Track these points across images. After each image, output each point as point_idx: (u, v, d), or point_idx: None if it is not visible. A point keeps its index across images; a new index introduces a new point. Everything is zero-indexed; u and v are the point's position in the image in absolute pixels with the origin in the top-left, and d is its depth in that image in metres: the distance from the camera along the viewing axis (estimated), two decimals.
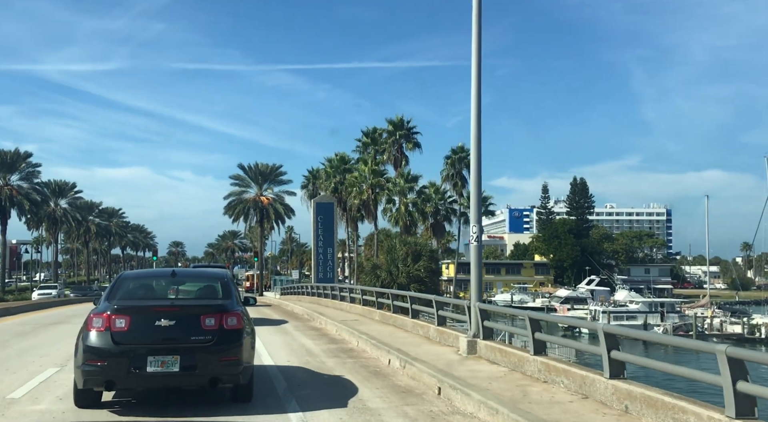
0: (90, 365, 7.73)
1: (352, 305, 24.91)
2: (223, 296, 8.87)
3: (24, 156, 67.33)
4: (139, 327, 7.90)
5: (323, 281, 49.86)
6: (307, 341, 15.49)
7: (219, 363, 7.98)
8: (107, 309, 8.05)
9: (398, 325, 17.83)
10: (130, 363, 7.71)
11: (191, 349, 7.87)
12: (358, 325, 18.06)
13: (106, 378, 7.76)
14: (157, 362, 7.74)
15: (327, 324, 19.03)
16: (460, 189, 59.59)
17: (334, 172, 60.17)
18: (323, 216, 53.30)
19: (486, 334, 12.24)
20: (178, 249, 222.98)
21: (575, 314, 68.98)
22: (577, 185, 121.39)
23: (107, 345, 7.77)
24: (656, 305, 66.94)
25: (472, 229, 12.74)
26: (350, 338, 15.45)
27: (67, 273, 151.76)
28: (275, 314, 26.54)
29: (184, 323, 7.99)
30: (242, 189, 72.41)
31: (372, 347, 13.36)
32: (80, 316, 21.86)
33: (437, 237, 62.17)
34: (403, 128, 56.41)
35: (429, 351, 12.88)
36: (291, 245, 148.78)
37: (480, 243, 12.72)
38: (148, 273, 11.63)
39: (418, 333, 15.95)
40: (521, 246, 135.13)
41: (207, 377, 7.94)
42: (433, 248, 54.02)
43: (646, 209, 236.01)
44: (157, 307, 8.28)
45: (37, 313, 26.50)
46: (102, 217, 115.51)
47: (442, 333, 14.40)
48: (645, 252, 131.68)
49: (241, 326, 8.25)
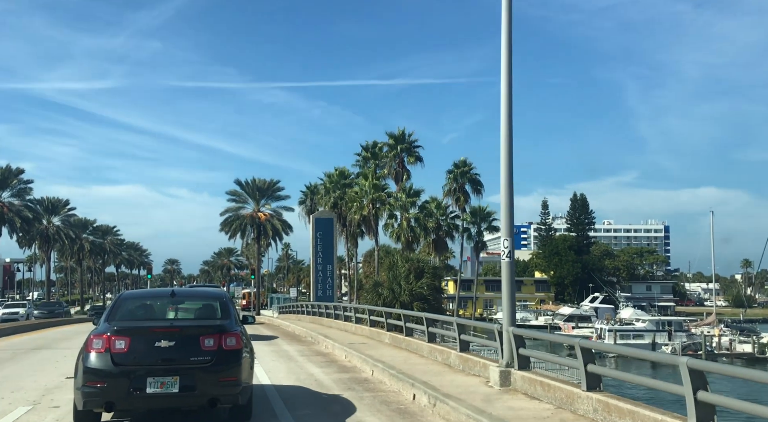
0: (90, 386, 7.71)
1: (357, 326, 23.34)
2: (222, 316, 8.85)
3: (16, 172, 65.79)
4: (139, 348, 7.90)
5: (323, 299, 48.24)
6: (314, 369, 13.90)
7: (218, 384, 7.96)
8: (107, 330, 8.04)
9: (412, 349, 16.29)
10: (130, 384, 7.72)
11: (190, 370, 7.87)
12: (368, 349, 16.52)
13: (106, 400, 7.75)
14: (156, 383, 7.74)
15: (334, 348, 17.45)
16: (463, 204, 58.19)
17: (333, 187, 58.77)
18: (322, 232, 51.82)
19: (522, 364, 10.72)
20: (173, 267, 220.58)
21: (580, 333, 67.41)
22: (578, 201, 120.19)
23: (107, 367, 7.75)
24: (663, 324, 65.38)
25: (503, 243, 11.26)
26: (363, 365, 13.88)
27: (61, 292, 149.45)
28: (275, 335, 24.89)
29: (183, 344, 7.98)
30: (239, 205, 70.90)
31: (390, 377, 11.81)
32: (68, 339, 20.40)
33: (438, 253, 60.65)
34: (405, 141, 55.09)
35: (455, 382, 11.34)
36: (288, 262, 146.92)
37: (512, 259, 11.24)
38: (147, 293, 11.42)
39: (437, 360, 14.42)
40: (521, 263, 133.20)
41: (206, 397, 7.92)
42: (436, 265, 52.53)
43: (644, 226, 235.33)
44: (157, 328, 8.27)
45: (21, 336, 24.86)
46: (96, 235, 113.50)
47: (465, 361, 12.87)
48: (646, 269, 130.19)
49: (239, 346, 8.26)
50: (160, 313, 9.21)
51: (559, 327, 73.32)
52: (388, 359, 14.53)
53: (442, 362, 14.05)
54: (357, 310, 24.10)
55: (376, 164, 55.69)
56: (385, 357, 14.83)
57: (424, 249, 58.90)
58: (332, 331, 24.06)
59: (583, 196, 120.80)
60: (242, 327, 9.04)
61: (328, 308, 30.46)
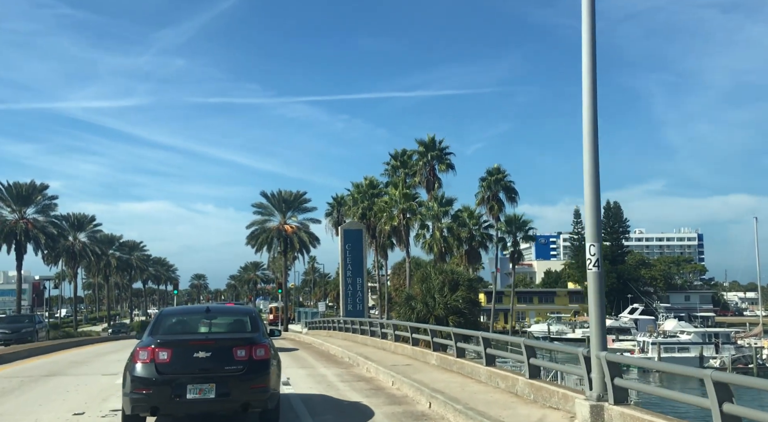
0: (137, 393, 8.65)
1: (396, 344, 21.36)
2: (252, 329, 9.85)
3: (40, 188, 64.92)
4: (180, 359, 8.82)
5: (353, 313, 46.35)
6: (360, 399, 11.90)
7: (249, 390, 8.87)
8: (151, 343, 8.95)
9: (466, 373, 14.28)
10: (172, 391, 8.61)
11: (225, 378, 8.76)
12: (415, 373, 14.56)
13: (151, 405, 8.67)
14: (195, 389, 8.65)
15: (377, 371, 15.48)
16: (497, 213, 55.98)
17: (361, 197, 56.94)
18: (351, 244, 49.91)
19: (619, 397, 8.68)
20: (200, 282, 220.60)
21: (621, 346, 64.51)
22: (611, 210, 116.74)
23: (152, 375, 8.67)
24: (709, 336, 62.24)
25: (589, 250, 9.25)
26: (416, 395, 11.89)
27: (90, 308, 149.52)
28: (308, 355, 22.97)
29: (218, 354, 8.92)
30: (265, 218, 69.44)
31: (455, 413, 9.80)
32: (86, 364, 18.85)
33: (471, 264, 58.40)
34: (435, 148, 53.09)
35: (531, 418, 9.34)
36: (314, 275, 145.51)
37: (601, 269, 9.22)
38: (185, 310, 12.39)
39: (498, 386, 12.39)
40: (552, 274, 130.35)
41: (239, 402, 8.85)
42: (471, 276, 50.37)
43: (677, 234, 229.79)
44: (195, 341, 9.24)
45: (37, 359, 23.32)
46: (122, 250, 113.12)
47: (538, 390, 10.84)
48: (684, 279, 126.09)
49: (268, 356, 9.18)
50: (197, 327, 10.27)
51: None
52: (441, 385, 12.55)
53: (506, 389, 12.03)
54: (396, 327, 22.12)
55: (405, 172, 53.79)
56: (438, 383, 12.85)
57: (455, 260, 56.77)
58: (369, 350, 22.11)
59: (617, 204, 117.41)
60: (270, 340, 9.98)
61: (362, 325, 28.55)
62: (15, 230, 62.18)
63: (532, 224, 61.61)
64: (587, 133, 9.56)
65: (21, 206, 64.20)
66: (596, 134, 9.53)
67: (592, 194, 9.34)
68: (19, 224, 62.73)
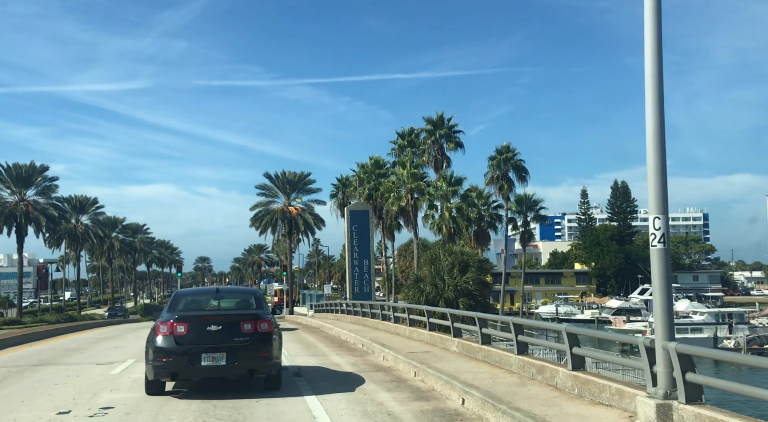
0: (159, 361, 10.11)
1: (411, 329, 20.12)
2: (257, 307, 11.22)
3: (40, 170, 63.77)
4: (195, 332, 10.24)
5: (359, 296, 45.22)
6: (384, 397, 10.51)
7: (255, 358, 10.33)
8: (170, 318, 10.38)
9: (493, 362, 13.02)
10: (189, 359, 10.06)
11: (234, 348, 10.19)
12: (437, 361, 13.31)
13: (170, 371, 10.17)
14: (208, 357, 10.07)
15: (396, 360, 14.20)
16: (507, 193, 54.50)
17: (367, 178, 55.49)
18: (358, 225, 48.57)
19: (692, 395, 7.39)
20: (204, 265, 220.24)
21: (632, 327, 63.39)
22: (619, 189, 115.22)
23: (171, 346, 10.12)
24: (723, 316, 61.09)
25: (653, 224, 7.92)
26: (444, 389, 10.61)
27: (95, 291, 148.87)
28: (317, 341, 21.73)
29: (228, 328, 10.34)
30: (269, 199, 68.17)
31: (496, 413, 8.50)
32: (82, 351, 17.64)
33: (480, 246, 57.04)
34: (444, 126, 51.48)
35: (586, 417, 8.07)
36: (318, 258, 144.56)
37: (668, 245, 7.90)
38: (198, 290, 13.95)
39: (534, 378, 11.13)
40: (559, 254, 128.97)
41: (246, 369, 10.33)
42: (481, 257, 49.09)
43: (682, 214, 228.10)
44: (208, 316, 10.70)
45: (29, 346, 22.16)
46: (126, 233, 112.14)
47: (583, 383, 9.55)
48: (692, 258, 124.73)
49: (271, 330, 10.62)
50: (209, 305, 11.64)
51: (609, 321, 69.26)
52: (469, 376, 11.30)
53: (543, 382, 10.76)
54: (411, 311, 20.87)
55: (413, 152, 52.26)
56: (464, 374, 11.60)
57: (462, 241, 55.45)
58: (382, 335, 20.88)
59: (625, 184, 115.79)
60: (273, 316, 11.32)
61: (373, 308, 27.33)
62: (15, 213, 61.16)
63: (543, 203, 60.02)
64: (651, 85, 8.19)
65: (21, 188, 63.14)
66: (661, 87, 8.16)
67: (657, 158, 7.98)
68: (19, 206, 61.67)
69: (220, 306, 11.59)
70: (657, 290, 7.93)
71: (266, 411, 9.21)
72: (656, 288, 7.95)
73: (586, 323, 73.90)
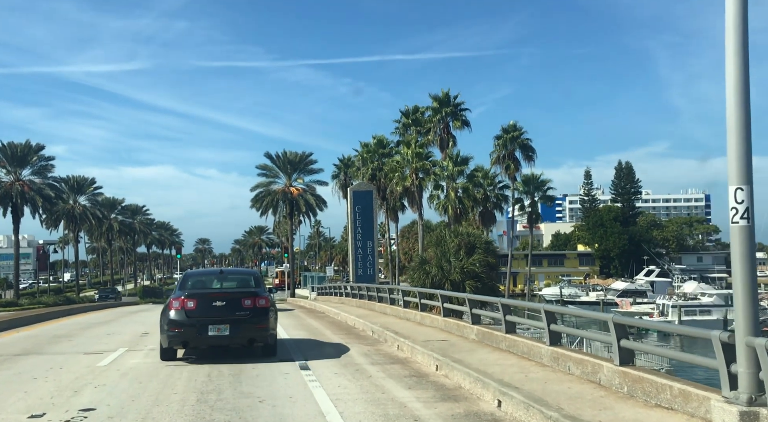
0: (172, 331, 11.98)
1: (422, 314, 18.91)
2: (255, 285, 13.24)
3: (36, 149, 62.26)
4: (203, 306, 12.09)
5: (363, 279, 44.16)
6: (402, 393, 9.28)
7: (254, 329, 12.23)
8: (182, 295, 12.22)
9: (520, 353, 11.78)
10: (197, 330, 11.91)
11: (236, 320, 12.02)
12: (458, 352, 12.07)
13: (182, 340, 12.11)
14: (214, 328, 11.89)
15: (412, 351, 12.91)
16: (513, 172, 53.08)
17: (370, 157, 54.08)
18: (361, 206, 47.31)
19: None
20: (204, 246, 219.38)
21: (639, 310, 62.37)
22: (622, 170, 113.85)
23: (182, 318, 11.96)
24: (731, 298, 60.04)
25: (734, 196, 6.59)
26: (474, 387, 9.31)
27: (95, 273, 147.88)
28: (324, 328, 20.48)
29: (231, 303, 12.18)
30: (270, 180, 66.73)
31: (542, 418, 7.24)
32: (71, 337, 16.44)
33: (486, 227, 55.78)
34: (450, 104, 49.86)
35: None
36: (318, 239, 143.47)
37: (752, 222, 6.60)
38: (204, 272, 16.39)
39: (571, 373, 9.89)
40: (562, 236, 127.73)
41: (247, 338, 12.26)
42: (488, 239, 47.84)
43: (684, 195, 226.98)
44: (213, 293, 12.69)
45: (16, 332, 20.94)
46: (125, 214, 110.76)
47: (635, 381, 8.30)
48: (696, 239, 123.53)
49: (268, 305, 12.50)
50: (214, 284, 13.33)
51: (615, 303, 68.20)
52: (496, 370, 10.07)
53: (583, 377, 9.52)
54: (424, 295, 19.63)
55: (417, 131, 50.75)
56: (491, 367, 10.36)
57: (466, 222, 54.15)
58: (391, 321, 19.67)
59: (629, 164, 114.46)
60: (270, 294, 13.30)
61: (380, 292, 26.12)
62: (11, 193, 59.80)
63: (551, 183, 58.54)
64: (732, 28, 6.80)
65: (16, 168, 61.75)
66: (745, 29, 6.77)
67: (740, 115, 6.64)
68: (15, 186, 60.30)
69: (224, 285, 13.36)
70: (738, 275, 6.64)
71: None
72: (737, 273, 6.67)
73: (591, 305, 72.84)
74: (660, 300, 59.78)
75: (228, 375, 10.77)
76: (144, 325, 21.39)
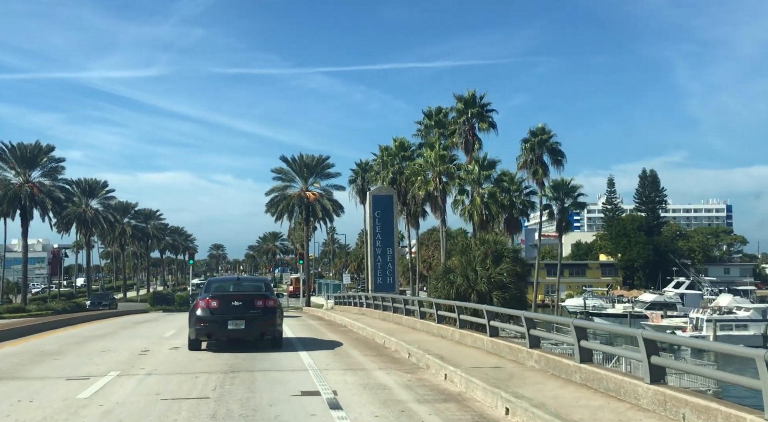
0: (199, 325, 15.21)
1: (461, 332, 16.51)
2: (266, 290, 16.63)
3: (46, 150, 60.65)
4: (223, 306, 15.30)
5: (382, 287, 41.84)
6: None
7: (264, 325, 15.56)
8: (207, 296, 15.50)
9: (605, 389, 9.36)
10: (219, 325, 15.15)
11: (250, 317, 15.25)
12: (522, 385, 9.67)
13: (207, 333, 15.41)
14: (233, 323, 15.07)
15: (466, 383, 10.37)
16: (541, 177, 50.51)
17: (390, 161, 51.77)
18: (381, 211, 44.93)
19: None
20: (218, 252, 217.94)
21: (671, 324, 59.41)
22: (647, 178, 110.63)
23: (207, 315, 15.17)
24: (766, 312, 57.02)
25: None
26: None
27: (109, 278, 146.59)
28: (350, 346, 17.90)
29: (246, 303, 15.42)
30: (286, 184, 64.62)
31: None
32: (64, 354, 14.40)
33: (511, 234, 53.24)
34: (476, 105, 47.48)
35: None
36: (333, 246, 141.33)
37: None
38: (224, 278, 22.83)
39: (655, 411, 7.46)
40: (583, 246, 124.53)
41: (258, 332, 15.69)
42: (516, 247, 45.35)
43: (705, 205, 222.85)
44: (232, 295, 15.90)
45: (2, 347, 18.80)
46: (138, 219, 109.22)
47: None
48: (722, 251, 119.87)
49: (275, 306, 15.87)
50: (233, 288, 16.83)
51: (645, 315, 65.20)
52: (585, 416, 7.69)
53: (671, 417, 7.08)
54: (461, 310, 17.25)
55: (440, 133, 48.37)
56: (574, 410, 7.98)
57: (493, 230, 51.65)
58: (424, 338, 17.30)
59: (654, 172, 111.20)
60: (277, 297, 16.87)
61: (407, 304, 23.80)
62: (20, 195, 58.13)
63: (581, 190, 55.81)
64: None
65: (26, 169, 60.16)
66: None
67: None
68: (24, 188, 58.65)
69: (240, 289, 16.53)
70: None
71: None
72: None
73: (618, 317, 69.86)
74: (693, 314, 56.85)
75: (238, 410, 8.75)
76: (145, 340, 19.06)
